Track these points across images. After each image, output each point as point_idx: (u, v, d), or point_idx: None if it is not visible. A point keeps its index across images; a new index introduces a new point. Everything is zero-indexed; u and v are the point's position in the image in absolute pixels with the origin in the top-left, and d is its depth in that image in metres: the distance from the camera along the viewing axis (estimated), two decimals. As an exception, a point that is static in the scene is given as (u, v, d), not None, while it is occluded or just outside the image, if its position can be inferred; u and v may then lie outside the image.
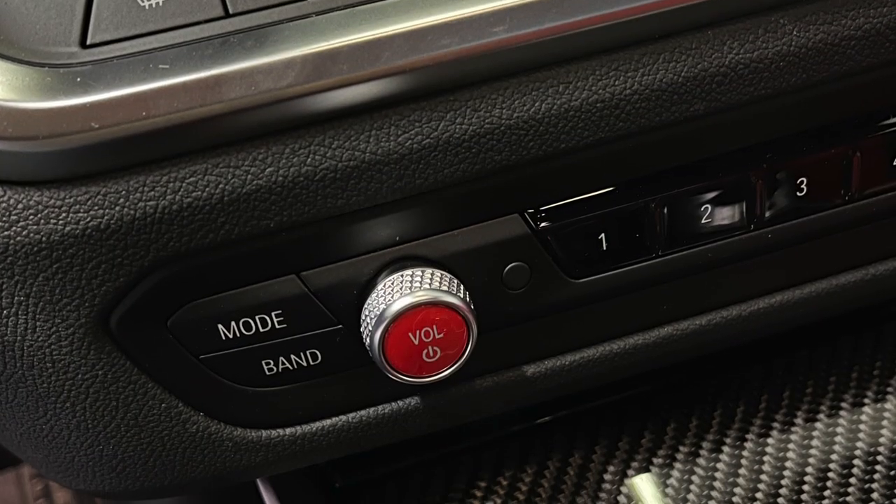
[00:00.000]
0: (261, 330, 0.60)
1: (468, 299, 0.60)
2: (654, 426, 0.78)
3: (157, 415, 0.62)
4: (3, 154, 0.53)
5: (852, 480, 0.74)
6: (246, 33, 0.55)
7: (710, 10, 0.58)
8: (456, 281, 0.60)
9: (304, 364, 0.62)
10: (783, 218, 0.65)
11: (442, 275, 0.59)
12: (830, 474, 0.74)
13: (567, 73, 0.58)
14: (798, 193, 0.64)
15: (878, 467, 0.74)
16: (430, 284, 0.58)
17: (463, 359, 0.61)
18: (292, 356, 0.61)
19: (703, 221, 0.63)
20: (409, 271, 0.59)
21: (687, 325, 0.68)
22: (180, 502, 0.78)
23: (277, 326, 0.60)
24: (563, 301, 0.64)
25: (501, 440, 0.77)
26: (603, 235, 0.62)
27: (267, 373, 0.62)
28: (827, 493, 0.74)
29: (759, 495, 0.73)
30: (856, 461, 0.75)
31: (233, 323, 0.59)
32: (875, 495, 0.73)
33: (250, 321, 0.59)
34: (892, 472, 0.74)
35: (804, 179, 0.64)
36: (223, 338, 0.60)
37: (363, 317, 0.60)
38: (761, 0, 0.59)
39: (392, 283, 0.59)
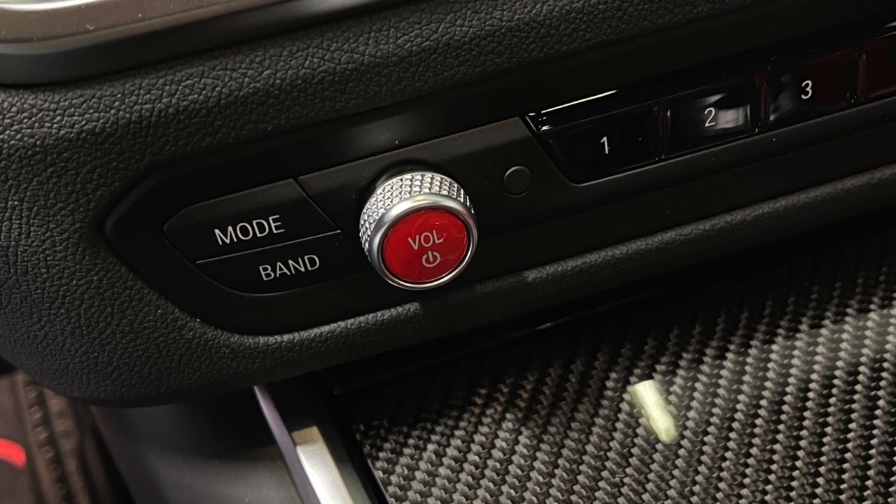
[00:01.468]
0: (258, 235, 0.61)
1: (468, 204, 0.61)
2: (657, 332, 0.78)
3: (152, 321, 0.63)
4: (-3, 56, 0.54)
5: (858, 388, 0.75)
6: (242, -68, 0.56)
7: None
8: (456, 185, 0.61)
9: (302, 269, 0.63)
10: (788, 121, 0.66)
11: (442, 179, 0.60)
12: (836, 381, 0.75)
13: (569, -26, 0.58)
14: (803, 97, 0.65)
15: (883, 374, 0.75)
16: (429, 189, 0.59)
17: (463, 264, 0.62)
18: (290, 261, 0.62)
19: (706, 125, 0.64)
20: (408, 175, 0.60)
21: (690, 230, 0.69)
22: (177, 410, 0.79)
23: (275, 231, 0.61)
24: (564, 206, 0.65)
25: (502, 346, 0.78)
26: (605, 139, 0.63)
27: (264, 278, 0.63)
28: (832, 399, 0.74)
29: (763, 402, 0.74)
30: (861, 367, 0.76)
31: (229, 228, 0.60)
32: (881, 402, 0.74)
33: (247, 226, 0.60)
34: (898, 379, 0.75)
35: (809, 82, 0.64)
36: (220, 243, 0.61)
37: (362, 222, 0.61)
38: None
39: (391, 188, 0.60)
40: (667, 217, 0.68)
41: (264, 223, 0.61)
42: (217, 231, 0.60)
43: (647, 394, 0.76)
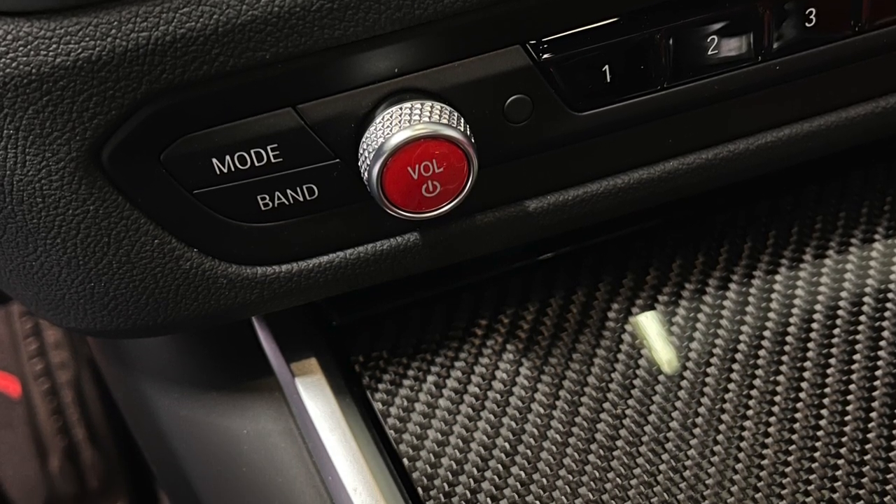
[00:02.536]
0: (256, 164, 0.61)
1: (469, 133, 0.61)
2: (659, 263, 0.79)
3: (149, 251, 0.63)
4: (-9, -16, 0.55)
5: (862, 318, 0.76)
6: None
7: None
8: (456, 114, 0.61)
9: (301, 199, 0.63)
10: (791, 49, 0.66)
11: (442, 107, 0.61)
12: (840, 311, 0.76)
13: None
14: (807, 24, 0.65)
15: (888, 304, 0.76)
16: (429, 117, 0.60)
17: (463, 194, 0.63)
18: (288, 191, 0.63)
19: (709, 53, 0.64)
20: (408, 104, 0.60)
21: (693, 160, 0.69)
22: (174, 341, 0.79)
23: (273, 160, 0.61)
24: (565, 135, 0.65)
25: (503, 277, 0.78)
26: (607, 67, 0.63)
27: (262, 208, 0.63)
28: (836, 331, 0.75)
29: (766, 333, 0.75)
30: (865, 298, 0.77)
31: (227, 157, 0.61)
32: (885, 333, 0.75)
33: (245, 155, 0.61)
34: (903, 309, 0.76)
35: (813, 10, 0.65)
36: (217, 172, 0.61)
37: (361, 150, 0.61)
38: None
39: (391, 116, 0.60)
40: (669, 146, 0.69)
41: (262, 152, 0.61)
42: (215, 160, 0.61)
43: (649, 325, 0.76)
